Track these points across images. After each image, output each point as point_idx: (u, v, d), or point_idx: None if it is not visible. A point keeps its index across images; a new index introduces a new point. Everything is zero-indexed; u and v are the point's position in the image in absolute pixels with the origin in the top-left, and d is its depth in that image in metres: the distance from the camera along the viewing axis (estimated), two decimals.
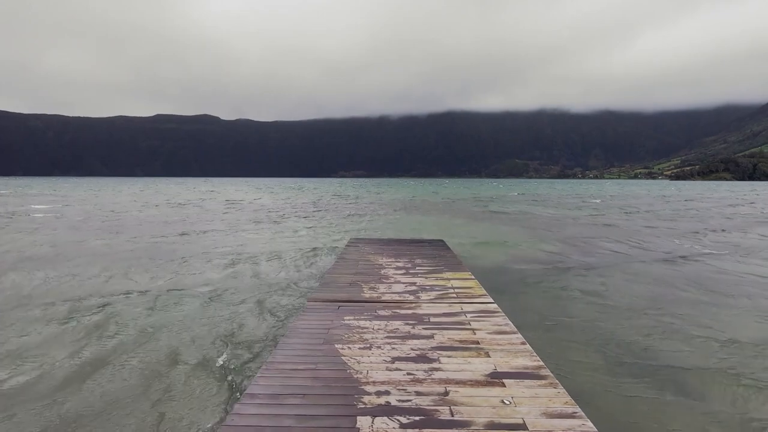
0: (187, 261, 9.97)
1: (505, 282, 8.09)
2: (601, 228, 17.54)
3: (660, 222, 19.45)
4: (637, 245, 12.72)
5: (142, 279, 8.30)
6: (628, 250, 11.90)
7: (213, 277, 8.49)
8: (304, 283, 7.99)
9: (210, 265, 9.48)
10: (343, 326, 4.01)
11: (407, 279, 5.95)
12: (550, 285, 7.99)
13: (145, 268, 9.24)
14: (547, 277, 8.54)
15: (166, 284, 7.88)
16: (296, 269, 9.21)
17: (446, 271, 6.44)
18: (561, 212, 25.04)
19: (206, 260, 10.04)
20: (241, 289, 7.57)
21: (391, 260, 7.34)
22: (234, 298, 7.01)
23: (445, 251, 8.38)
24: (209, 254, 10.80)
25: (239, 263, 9.72)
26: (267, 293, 7.26)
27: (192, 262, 9.80)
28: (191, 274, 8.73)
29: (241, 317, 6.04)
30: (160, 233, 14.73)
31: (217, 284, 7.89)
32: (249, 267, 9.36)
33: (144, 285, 7.84)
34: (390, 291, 5.29)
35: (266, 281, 8.15)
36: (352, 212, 24.26)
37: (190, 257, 10.39)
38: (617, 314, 6.27)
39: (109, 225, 17.09)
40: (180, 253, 10.88)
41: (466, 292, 5.21)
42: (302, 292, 7.34)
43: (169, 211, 24.40)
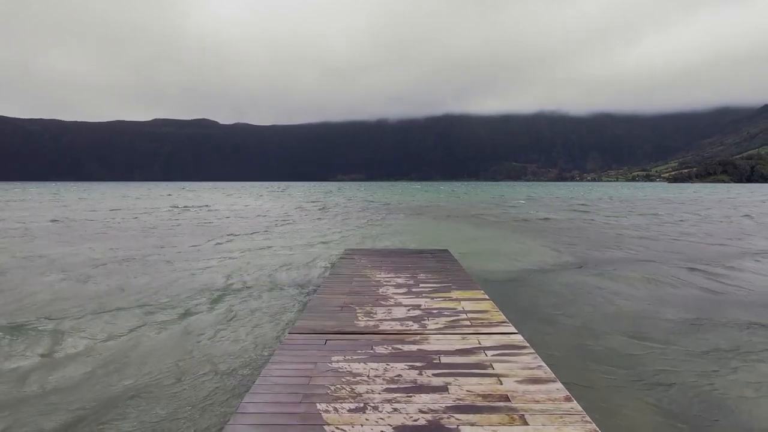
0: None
1: (530, 304, 7.01)
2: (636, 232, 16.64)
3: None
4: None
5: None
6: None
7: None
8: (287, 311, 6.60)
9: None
10: (329, 372, 3.12)
11: (410, 300, 5.06)
12: (587, 309, 6.76)
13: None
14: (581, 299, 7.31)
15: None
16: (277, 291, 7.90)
17: (455, 289, 5.56)
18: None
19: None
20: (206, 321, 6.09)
21: (390, 275, 6.46)
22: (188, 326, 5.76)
23: (451, 263, 7.51)
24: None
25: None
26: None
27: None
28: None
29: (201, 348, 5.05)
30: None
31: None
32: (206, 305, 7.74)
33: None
34: (390, 317, 4.40)
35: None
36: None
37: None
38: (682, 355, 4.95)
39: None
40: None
41: (482, 318, 4.32)
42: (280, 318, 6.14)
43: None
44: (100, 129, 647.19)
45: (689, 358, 4.82)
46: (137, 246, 12.73)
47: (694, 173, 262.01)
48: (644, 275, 8.87)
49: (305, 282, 8.38)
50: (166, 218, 22.51)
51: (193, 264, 10.13)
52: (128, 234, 15.68)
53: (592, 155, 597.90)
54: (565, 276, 9.00)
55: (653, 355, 4.89)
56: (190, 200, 43.00)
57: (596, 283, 8.36)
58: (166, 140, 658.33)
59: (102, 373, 4.38)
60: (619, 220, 22.43)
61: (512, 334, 3.85)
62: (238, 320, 6.04)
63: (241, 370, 4.41)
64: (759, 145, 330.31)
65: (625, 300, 7.17)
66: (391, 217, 23.62)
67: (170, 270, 9.42)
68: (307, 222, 20.93)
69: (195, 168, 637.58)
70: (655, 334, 5.54)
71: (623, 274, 9.04)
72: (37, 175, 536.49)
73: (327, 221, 21.31)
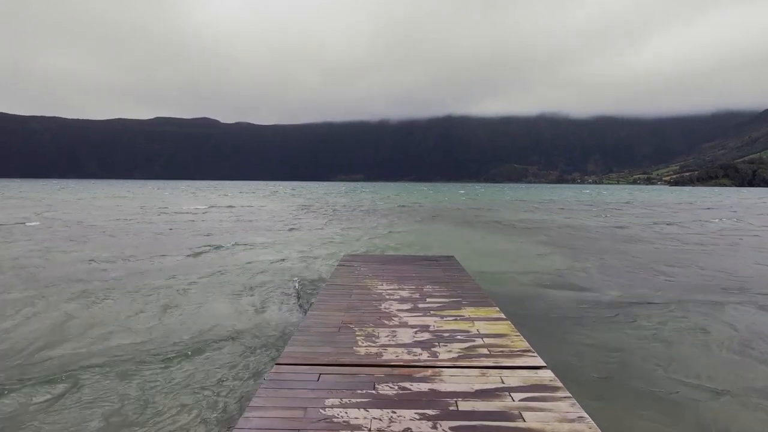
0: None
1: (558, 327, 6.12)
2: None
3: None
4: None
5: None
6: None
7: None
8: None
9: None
10: (322, 423, 2.52)
11: (417, 319, 4.46)
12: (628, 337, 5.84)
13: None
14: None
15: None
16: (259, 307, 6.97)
17: (466, 305, 4.96)
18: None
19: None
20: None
21: (393, 287, 5.85)
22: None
23: (458, 272, 6.91)
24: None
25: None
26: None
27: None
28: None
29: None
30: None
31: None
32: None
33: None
34: (395, 342, 3.80)
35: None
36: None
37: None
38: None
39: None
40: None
41: (501, 345, 3.72)
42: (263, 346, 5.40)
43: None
44: (101, 127, 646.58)
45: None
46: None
47: (695, 177, 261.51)
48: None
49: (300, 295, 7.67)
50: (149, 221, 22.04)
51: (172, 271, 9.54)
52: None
53: (593, 158, 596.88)
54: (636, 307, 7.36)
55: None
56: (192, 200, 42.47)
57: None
58: (167, 139, 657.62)
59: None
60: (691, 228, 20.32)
61: (540, 369, 3.26)
62: (218, 351, 5.27)
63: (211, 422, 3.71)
64: (761, 149, 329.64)
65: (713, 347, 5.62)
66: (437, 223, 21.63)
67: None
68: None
69: (196, 167, 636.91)
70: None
71: (715, 314, 6.95)
72: (37, 172, 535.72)
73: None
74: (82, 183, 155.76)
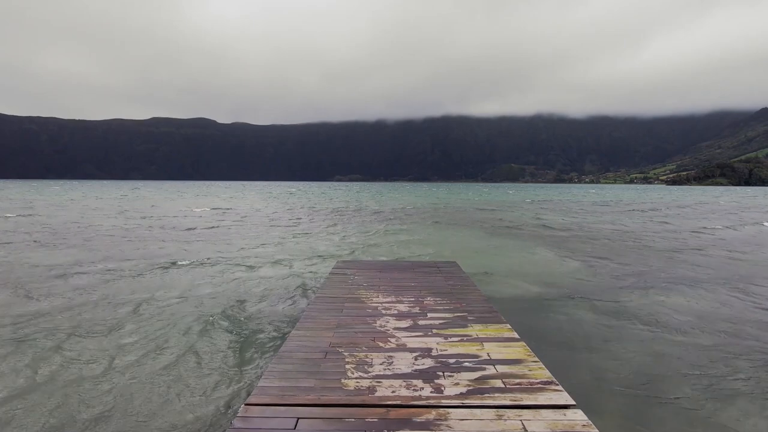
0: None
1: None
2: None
3: None
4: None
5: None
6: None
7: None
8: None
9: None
10: None
11: (417, 340, 3.86)
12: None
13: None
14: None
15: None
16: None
17: (473, 322, 4.37)
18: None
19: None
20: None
21: (390, 299, 5.25)
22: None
23: (461, 281, 6.31)
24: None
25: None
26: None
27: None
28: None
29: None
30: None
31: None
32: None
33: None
34: (391, 371, 3.20)
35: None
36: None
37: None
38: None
39: None
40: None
41: (517, 375, 3.13)
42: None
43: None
44: (97, 128, 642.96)
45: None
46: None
47: (692, 176, 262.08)
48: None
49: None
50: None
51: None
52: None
53: (590, 157, 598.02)
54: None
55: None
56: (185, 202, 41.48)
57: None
58: (164, 139, 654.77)
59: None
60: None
61: (569, 409, 2.66)
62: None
63: None
64: (757, 149, 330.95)
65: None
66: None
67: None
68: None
69: (193, 167, 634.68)
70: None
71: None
72: (35, 173, 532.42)
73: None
74: (76, 184, 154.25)
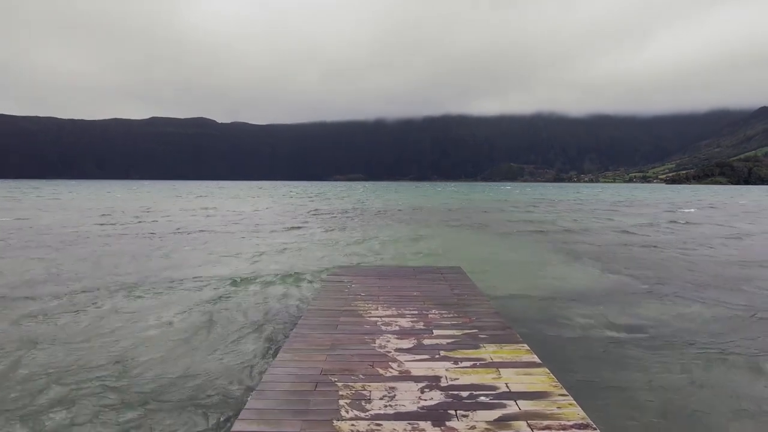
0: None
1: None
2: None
3: None
4: None
5: None
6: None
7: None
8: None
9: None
10: None
11: (422, 365, 3.32)
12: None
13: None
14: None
15: None
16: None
17: (485, 341, 3.84)
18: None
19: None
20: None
21: (391, 312, 4.71)
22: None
23: (469, 290, 5.77)
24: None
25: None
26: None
27: None
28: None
29: None
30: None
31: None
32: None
33: None
34: (392, 410, 2.66)
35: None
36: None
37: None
38: None
39: None
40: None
41: (545, 415, 2.59)
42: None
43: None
44: (96, 127, 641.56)
45: None
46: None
47: (691, 175, 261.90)
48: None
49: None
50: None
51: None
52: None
53: (589, 156, 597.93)
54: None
55: None
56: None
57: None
58: (163, 139, 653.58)
59: None
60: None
61: None
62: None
63: None
64: (756, 147, 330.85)
65: None
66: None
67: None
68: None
69: (192, 167, 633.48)
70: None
71: None
72: (34, 173, 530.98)
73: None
74: (73, 183, 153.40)
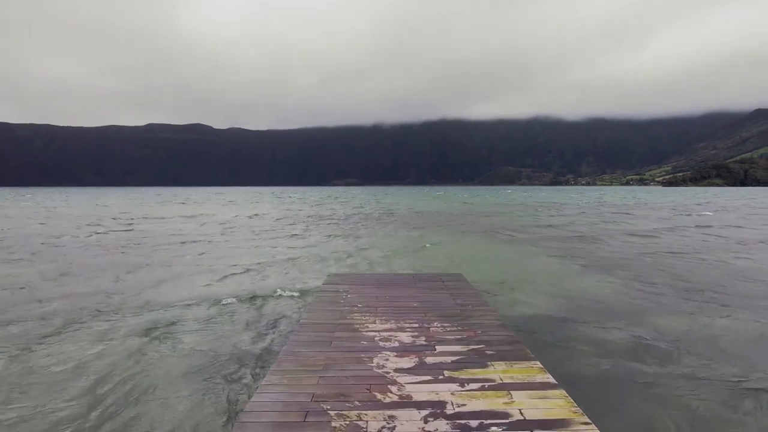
0: None
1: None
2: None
3: None
4: None
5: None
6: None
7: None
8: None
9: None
10: None
11: (425, 389, 2.98)
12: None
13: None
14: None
15: None
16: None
17: (492, 357, 3.50)
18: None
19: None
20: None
21: (390, 326, 4.37)
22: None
23: (472, 299, 5.44)
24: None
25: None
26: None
27: None
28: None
29: None
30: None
31: None
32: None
33: None
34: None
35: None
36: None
37: None
38: None
39: None
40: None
41: None
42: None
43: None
44: (92, 134, 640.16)
45: None
46: None
47: (688, 177, 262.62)
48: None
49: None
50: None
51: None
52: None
53: (586, 159, 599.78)
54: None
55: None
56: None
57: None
58: (160, 145, 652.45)
59: None
60: None
61: None
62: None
63: None
64: (751, 149, 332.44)
65: None
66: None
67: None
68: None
69: (189, 173, 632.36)
70: None
71: None
72: (30, 180, 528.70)
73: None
74: (69, 191, 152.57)
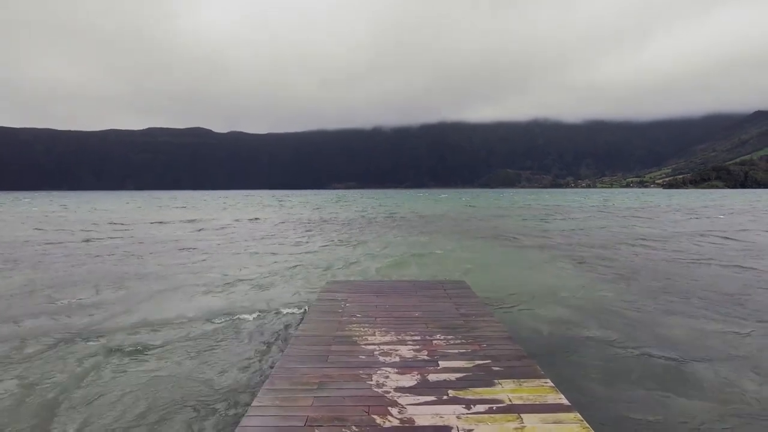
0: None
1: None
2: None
3: None
4: None
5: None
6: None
7: None
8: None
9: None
10: None
11: (428, 411, 2.76)
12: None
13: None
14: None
15: None
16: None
17: (500, 374, 3.29)
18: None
19: None
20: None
21: (390, 339, 4.15)
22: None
23: (476, 309, 5.22)
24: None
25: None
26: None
27: None
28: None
29: None
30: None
31: None
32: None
33: None
34: None
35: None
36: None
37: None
38: None
39: None
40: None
41: None
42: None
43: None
44: (92, 138, 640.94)
45: None
46: None
47: (688, 179, 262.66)
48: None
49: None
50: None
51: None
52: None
53: (585, 162, 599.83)
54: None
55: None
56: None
57: None
58: (160, 149, 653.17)
59: None
60: None
61: None
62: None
63: None
64: (751, 151, 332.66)
65: None
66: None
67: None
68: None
69: (189, 177, 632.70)
70: None
71: None
72: (30, 184, 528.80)
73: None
74: (69, 195, 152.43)
